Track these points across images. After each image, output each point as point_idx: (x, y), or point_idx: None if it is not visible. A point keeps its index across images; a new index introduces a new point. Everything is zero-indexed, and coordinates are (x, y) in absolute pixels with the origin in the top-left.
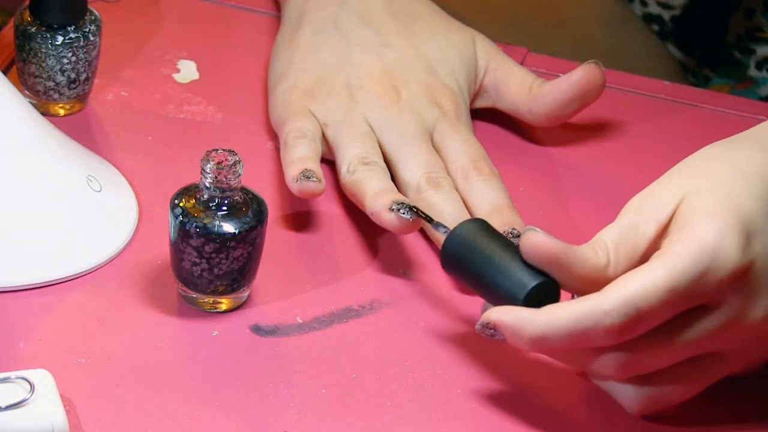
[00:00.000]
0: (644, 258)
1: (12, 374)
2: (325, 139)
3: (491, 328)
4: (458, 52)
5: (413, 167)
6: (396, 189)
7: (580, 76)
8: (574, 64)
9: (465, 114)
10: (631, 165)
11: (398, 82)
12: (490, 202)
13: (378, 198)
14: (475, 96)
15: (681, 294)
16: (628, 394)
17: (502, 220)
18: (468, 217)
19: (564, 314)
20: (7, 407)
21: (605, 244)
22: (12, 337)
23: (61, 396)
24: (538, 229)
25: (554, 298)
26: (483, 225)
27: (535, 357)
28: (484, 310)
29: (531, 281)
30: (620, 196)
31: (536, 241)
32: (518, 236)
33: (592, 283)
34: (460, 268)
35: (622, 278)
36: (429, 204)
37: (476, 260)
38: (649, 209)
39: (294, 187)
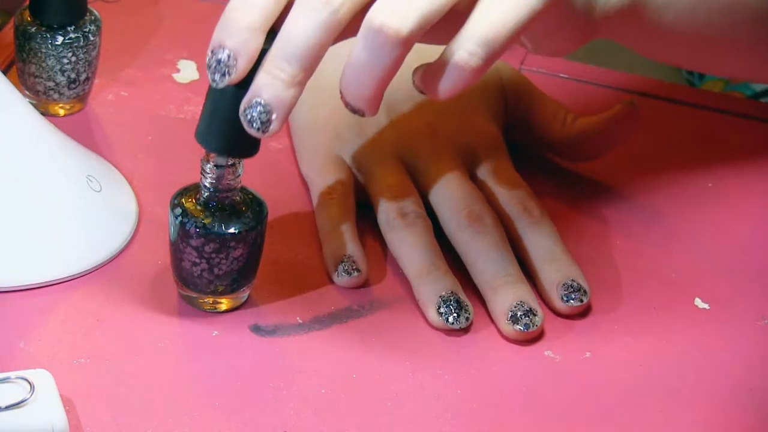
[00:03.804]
0: None
1: (12, 374)
2: (357, 181)
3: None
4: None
5: (453, 204)
6: (439, 251)
7: (618, 116)
8: (574, 64)
9: (499, 136)
10: (629, 164)
11: (428, 113)
12: (546, 248)
13: (423, 283)
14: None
15: None
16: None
17: (560, 272)
18: (513, 259)
19: None
20: (7, 407)
21: None
22: (12, 337)
23: (61, 396)
24: None
25: None
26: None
27: (536, 357)
28: None
29: None
30: (618, 194)
31: None
32: (579, 290)
33: None
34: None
35: None
36: (472, 250)
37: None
38: None
39: (336, 280)
